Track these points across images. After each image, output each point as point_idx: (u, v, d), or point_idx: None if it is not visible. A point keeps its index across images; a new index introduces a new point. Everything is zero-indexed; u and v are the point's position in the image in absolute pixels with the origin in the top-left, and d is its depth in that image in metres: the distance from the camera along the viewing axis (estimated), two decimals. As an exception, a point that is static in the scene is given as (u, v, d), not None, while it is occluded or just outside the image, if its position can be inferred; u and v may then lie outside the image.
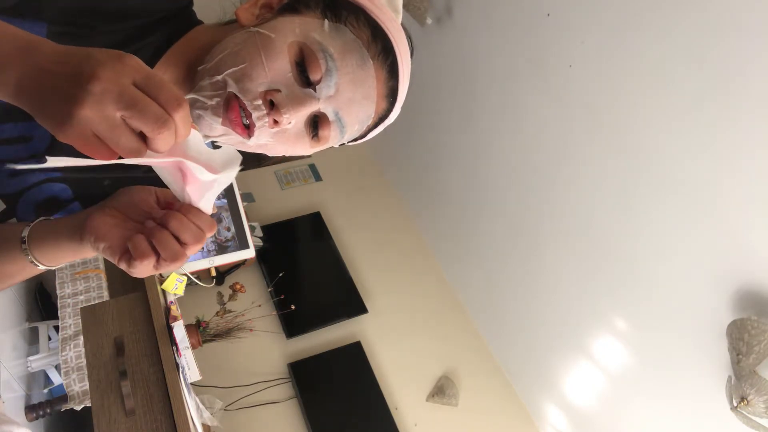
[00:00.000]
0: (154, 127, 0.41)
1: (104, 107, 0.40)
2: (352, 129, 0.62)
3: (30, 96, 0.41)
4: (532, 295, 2.31)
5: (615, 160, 1.71)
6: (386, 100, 0.63)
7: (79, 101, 0.39)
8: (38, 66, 0.42)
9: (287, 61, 0.57)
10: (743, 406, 1.35)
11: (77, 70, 0.40)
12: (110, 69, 0.40)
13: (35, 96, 0.41)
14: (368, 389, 2.44)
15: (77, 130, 0.40)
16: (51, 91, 0.41)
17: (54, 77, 0.41)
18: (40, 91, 0.41)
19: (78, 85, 0.40)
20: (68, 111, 0.39)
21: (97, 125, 0.40)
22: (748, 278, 1.41)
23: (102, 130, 0.40)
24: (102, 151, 0.41)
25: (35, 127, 0.61)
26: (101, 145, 0.41)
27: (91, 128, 0.40)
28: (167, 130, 0.41)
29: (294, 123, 0.58)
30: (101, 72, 0.40)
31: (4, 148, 0.61)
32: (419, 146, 2.86)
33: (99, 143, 0.41)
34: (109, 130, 0.40)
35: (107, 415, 1.47)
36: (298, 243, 3.01)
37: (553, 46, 1.83)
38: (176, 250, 0.48)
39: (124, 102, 0.40)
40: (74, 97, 0.39)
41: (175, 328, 1.64)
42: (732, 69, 1.31)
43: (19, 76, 0.41)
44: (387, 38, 0.61)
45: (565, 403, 2.28)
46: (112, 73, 0.40)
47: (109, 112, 0.40)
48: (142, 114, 0.40)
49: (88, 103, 0.39)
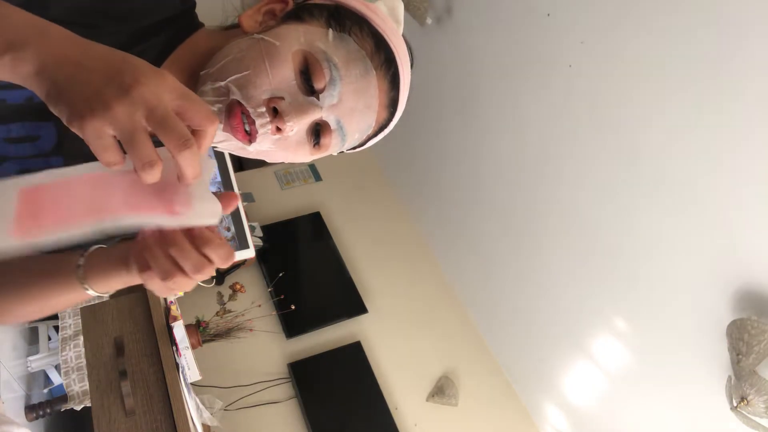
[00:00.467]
0: (178, 144, 0.41)
1: (135, 113, 0.40)
2: (353, 138, 0.63)
3: (54, 80, 0.41)
4: (532, 296, 2.31)
5: (615, 159, 1.71)
6: (387, 110, 0.63)
7: (113, 99, 0.40)
8: (65, 55, 0.42)
9: (291, 69, 0.57)
10: (743, 406, 1.35)
11: (116, 71, 0.41)
12: (153, 81, 0.41)
13: (61, 82, 0.41)
14: (368, 389, 2.44)
15: (98, 126, 0.40)
16: (81, 83, 0.41)
17: (87, 71, 0.41)
18: (67, 79, 0.41)
19: (116, 85, 0.40)
20: (97, 105, 0.40)
21: (122, 126, 0.40)
22: (748, 278, 1.41)
23: (124, 132, 0.40)
24: (111, 154, 0.41)
25: (42, 126, 0.61)
26: (113, 148, 0.41)
27: (114, 128, 0.40)
28: (190, 149, 0.41)
29: (296, 130, 0.59)
30: (144, 81, 0.41)
31: (11, 146, 0.61)
32: (419, 146, 2.86)
33: (113, 145, 0.41)
34: (132, 133, 0.40)
35: (107, 415, 1.47)
36: (298, 243, 3.01)
37: (553, 46, 1.83)
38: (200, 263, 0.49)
39: (156, 115, 0.40)
40: (108, 95, 0.40)
41: (175, 328, 1.64)
42: (732, 69, 1.31)
43: (42, 59, 0.42)
44: (389, 49, 0.61)
45: (565, 403, 2.28)
46: (154, 85, 0.41)
47: (137, 118, 0.40)
48: (170, 131, 0.41)
49: (123, 104, 0.40)
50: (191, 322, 1.96)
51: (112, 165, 0.42)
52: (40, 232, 0.44)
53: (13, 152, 0.62)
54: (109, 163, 0.42)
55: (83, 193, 0.46)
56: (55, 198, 0.46)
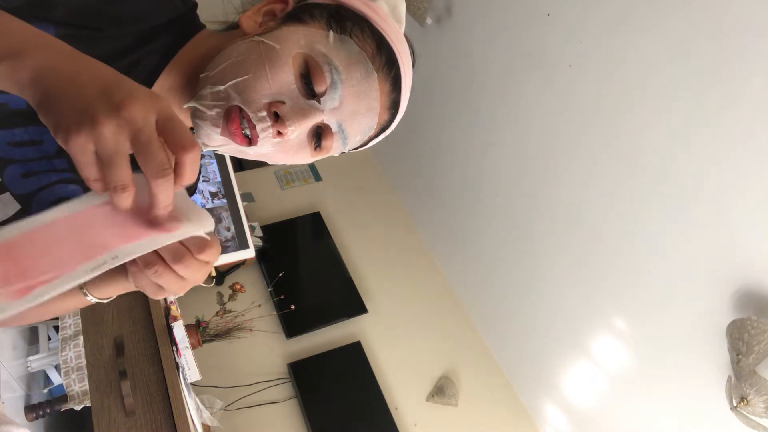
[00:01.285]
0: (155, 172, 0.41)
1: (121, 134, 0.40)
2: (354, 140, 0.63)
3: (47, 90, 0.41)
4: (532, 295, 2.31)
5: (615, 159, 1.71)
6: (388, 111, 0.63)
7: (101, 119, 0.39)
8: (60, 70, 0.42)
9: (292, 73, 0.57)
10: (743, 406, 1.35)
11: (109, 89, 0.41)
12: (143, 103, 0.41)
13: (53, 92, 0.41)
14: (368, 389, 2.44)
15: (82, 142, 0.40)
16: (73, 96, 0.41)
17: (80, 86, 0.41)
18: (60, 90, 0.41)
19: (106, 103, 0.40)
20: (85, 120, 0.39)
21: (105, 145, 0.40)
22: (748, 278, 1.41)
23: (105, 151, 0.40)
24: (91, 171, 0.41)
25: (45, 131, 0.61)
26: (93, 165, 0.41)
27: (96, 146, 0.40)
28: (164, 179, 0.41)
29: (297, 134, 0.58)
30: (134, 103, 0.40)
31: (15, 149, 0.61)
32: (419, 146, 2.86)
33: (93, 162, 0.41)
34: (112, 155, 0.40)
35: (107, 415, 1.47)
36: (298, 243, 3.01)
37: (553, 46, 1.83)
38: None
39: (140, 139, 0.40)
40: (97, 114, 0.40)
41: (174, 328, 1.64)
42: (732, 69, 1.31)
43: (38, 69, 0.42)
44: (391, 50, 0.60)
45: (565, 403, 2.28)
46: (143, 107, 0.41)
47: (122, 140, 0.40)
48: (150, 157, 0.41)
49: (110, 124, 0.39)
50: (191, 322, 1.96)
51: (91, 181, 0.41)
52: (34, 289, 0.42)
53: (17, 155, 0.62)
54: (87, 179, 0.41)
55: (65, 237, 0.44)
56: (35, 250, 0.43)
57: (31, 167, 0.63)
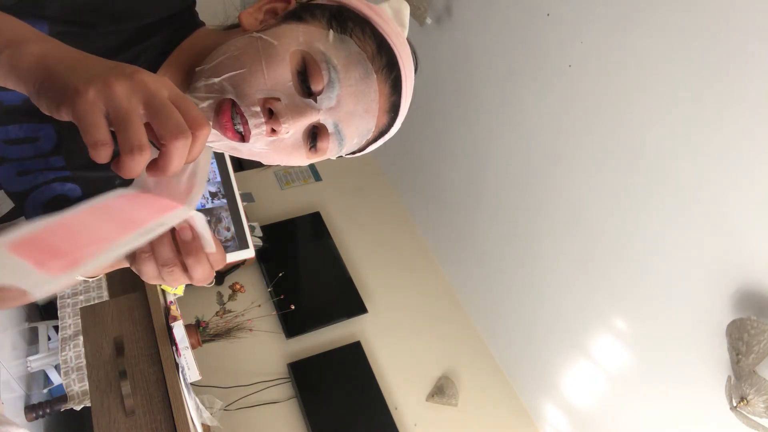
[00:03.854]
0: (173, 131, 0.39)
1: (134, 96, 0.38)
2: (351, 142, 0.61)
3: (50, 70, 0.40)
4: (532, 295, 2.31)
5: (615, 159, 1.71)
6: (388, 114, 0.62)
7: (113, 80, 0.38)
8: (66, 51, 0.41)
9: (288, 70, 0.56)
10: (743, 406, 1.35)
11: (119, 65, 0.40)
12: (152, 77, 0.40)
13: (58, 70, 0.40)
14: (368, 389, 2.44)
15: (92, 99, 0.38)
16: (82, 69, 0.39)
17: (86, 60, 0.40)
18: (68, 68, 0.40)
19: (118, 70, 0.39)
20: (95, 81, 0.38)
21: (118, 104, 0.38)
22: (748, 278, 1.41)
23: (120, 111, 0.38)
24: (100, 132, 0.38)
25: (41, 128, 0.60)
26: (104, 126, 0.38)
27: (108, 105, 0.38)
28: (184, 139, 0.39)
29: (292, 133, 0.57)
30: (146, 74, 0.40)
31: (10, 148, 0.61)
32: (419, 146, 2.86)
33: (103, 123, 0.38)
34: (127, 113, 0.38)
35: (107, 415, 1.47)
36: (298, 243, 3.01)
37: (553, 46, 1.83)
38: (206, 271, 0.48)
39: (154, 102, 0.39)
40: (110, 76, 0.38)
41: (174, 328, 1.64)
42: (732, 68, 1.31)
43: (42, 53, 0.41)
44: (392, 52, 0.60)
45: (565, 403, 2.28)
46: (153, 80, 0.40)
47: (135, 100, 0.39)
48: (167, 117, 0.39)
49: (124, 84, 0.38)
50: (191, 322, 1.96)
51: (99, 145, 0.38)
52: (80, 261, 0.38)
53: (12, 154, 0.61)
54: (96, 142, 0.38)
55: (96, 221, 0.42)
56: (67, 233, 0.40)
57: (26, 165, 0.62)
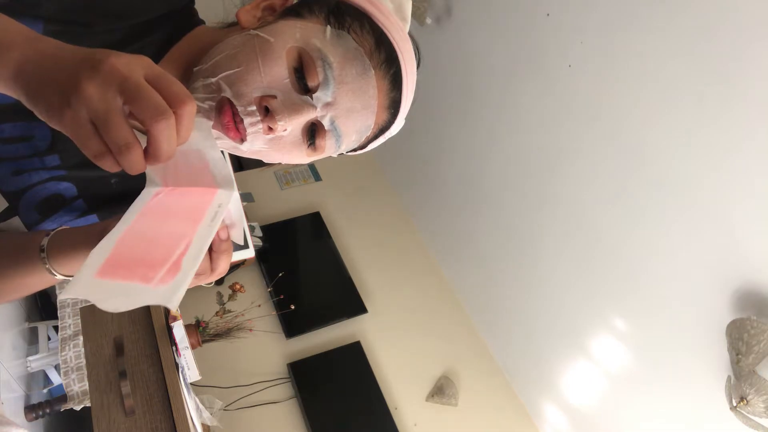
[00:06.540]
0: (153, 114, 0.38)
1: (108, 91, 0.38)
2: (349, 139, 0.61)
3: (29, 79, 0.40)
4: (532, 295, 2.31)
5: (615, 159, 1.71)
6: (388, 111, 0.61)
7: (84, 80, 0.38)
8: (43, 51, 0.41)
9: (285, 67, 0.55)
10: (743, 406, 1.35)
11: (89, 56, 0.39)
12: (124, 59, 0.39)
13: (35, 79, 0.40)
14: (368, 389, 2.44)
15: (73, 114, 0.38)
16: (55, 72, 0.39)
17: (60, 61, 0.40)
18: (41, 73, 0.39)
19: (87, 65, 0.38)
20: (71, 91, 0.38)
21: (96, 107, 0.38)
22: (748, 278, 1.41)
23: (98, 114, 0.38)
24: (94, 143, 0.38)
25: (35, 127, 0.60)
26: (94, 137, 0.38)
27: (89, 111, 0.38)
28: (166, 120, 0.38)
29: (290, 130, 0.57)
30: (115, 59, 0.39)
31: (4, 147, 0.60)
32: (419, 146, 2.86)
33: (93, 133, 0.38)
34: (106, 114, 0.38)
35: (107, 415, 1.46)
36: (298, 243, 3.01)
37: (552, 46, 1.83)
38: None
39: (128, 87, 0.38)
40: (79, 79, 0.38)
41: (174, 328, 1.64)
42: (732, 68, 1.31)
43: (22, 59, 0.40)
44: (391, 47, 0.59)
45: (565, 402, 2.28)
46: (125, 62, 0.39)
47: (110, 94, 0.38)
48: (143, 101, 0.38)
49: (94, 82, 0.38)
50: (191, 322, 1.96)
51: (99, 157, 0.39)
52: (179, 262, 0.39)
53: (7, 153, 0.60)
54: (95, 153, 0.39)
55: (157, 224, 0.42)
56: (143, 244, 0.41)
57: (21, 165, 0.62)
